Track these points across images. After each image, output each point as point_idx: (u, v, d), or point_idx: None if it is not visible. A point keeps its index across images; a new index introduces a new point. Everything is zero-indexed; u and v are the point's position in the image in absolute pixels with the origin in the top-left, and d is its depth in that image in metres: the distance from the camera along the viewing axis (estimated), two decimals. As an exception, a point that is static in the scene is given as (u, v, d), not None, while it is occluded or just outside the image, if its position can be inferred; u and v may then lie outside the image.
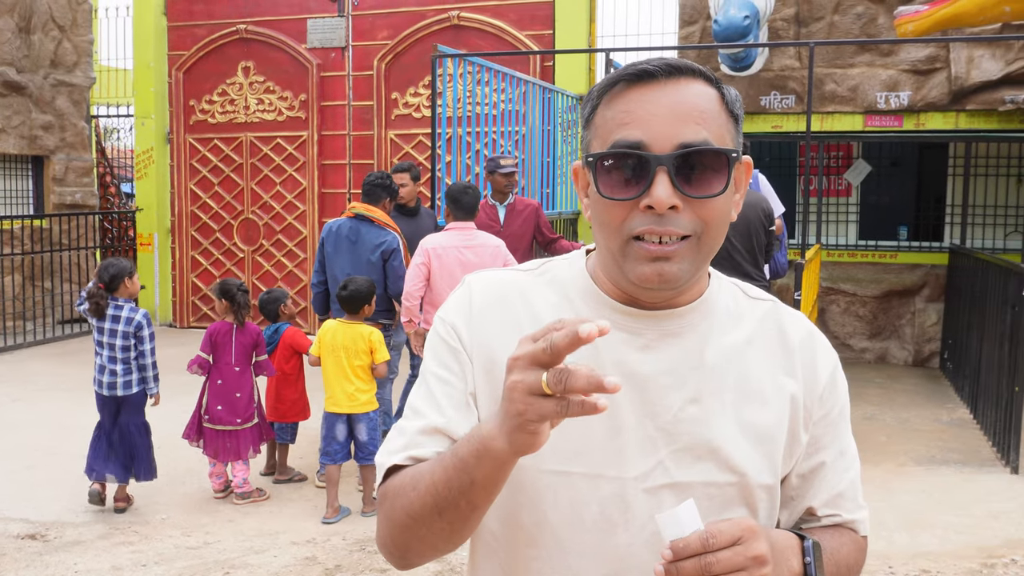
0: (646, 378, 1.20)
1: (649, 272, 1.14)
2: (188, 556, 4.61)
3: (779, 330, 1.28)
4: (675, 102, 1.15)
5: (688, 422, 1.20)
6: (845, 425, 1.31)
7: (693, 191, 1.14)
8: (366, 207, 5.77)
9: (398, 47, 10.66)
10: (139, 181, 11.92)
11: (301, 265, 11.19)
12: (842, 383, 1.31)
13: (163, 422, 7.09)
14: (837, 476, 1.28)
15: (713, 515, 1.17)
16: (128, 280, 5.29)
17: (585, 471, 1.19)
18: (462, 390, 1.23)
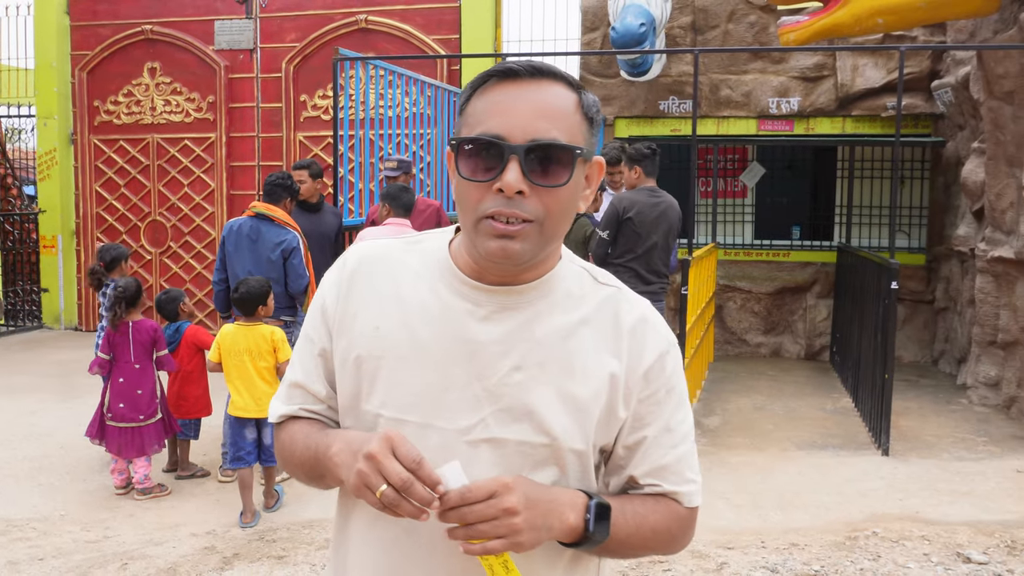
0: (481, 345, 1.37)
1: (495, 247, 1.30)
2: (87, 549, 4.66)
3: (614, 314, 1.42)
4: (534, 100, 1.31)
5: (511, 386, 1.36)
6: (675, 405, 1.43)
7: (539, 180, 1.29)
8: (267, 206, 5.87)
9: (306, 49, 10.73)
10: (42, 183, 11.74)
11: (210, 267, 11.15)
12: (672, 366, 1.44)
13: (65, 422, 7.08)
14: (661, 451, 1.41)
15: (526, 471, 1.35)
16: (124, 264, 6.13)
17: (418, 420, 1.37)
18: (318, 349, 1.46)
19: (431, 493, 1.22)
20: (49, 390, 8.20)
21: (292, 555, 4.57)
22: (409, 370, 1.37)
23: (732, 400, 7.78)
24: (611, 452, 1.43)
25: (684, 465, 1.44)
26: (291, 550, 4.63)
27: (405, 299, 1.41)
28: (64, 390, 8.20)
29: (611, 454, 1.43)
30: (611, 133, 9.83)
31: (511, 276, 1.38)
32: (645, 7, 8.36)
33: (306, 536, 4.81)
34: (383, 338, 1.39)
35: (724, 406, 7.58)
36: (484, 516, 1.24)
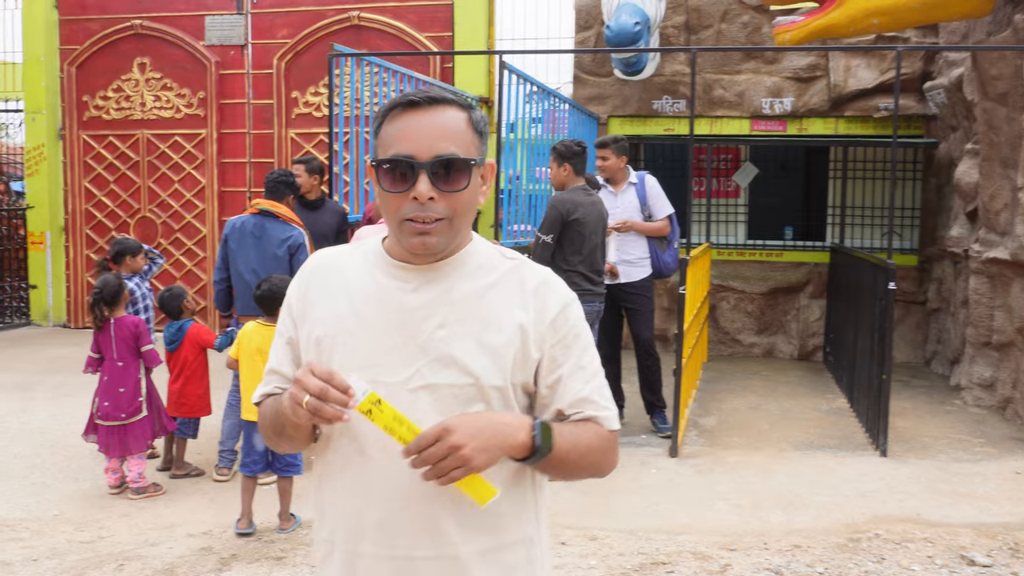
0: (410, 311, 1.69)
1: (416, 242, 1.65)
2: (81, 550, 4.60)
3: (519, 279, 1.74)
4: (433, 124, 1.64)
5: (436, 341, 1.67)
6: (581, 348, 1.74)
7: (444, 187, 1.63)
8: (271, 203, 5.80)
9: (298, 46, 10.66)
10: (30, 178, 11.63)
11: (200, 264, 11.08)
12: (575, 316, 1.75)
13: (58, 420, 7.01)
14: (578, 385, 1.72)
15: (458, 408, 1.64)
16: (131, 258, 6.08)
17: (369, 378, 1.63)
18: (286, 338, 1.82)
19: (343, 396, 1.53)
20: (39, 388, 8.12)
21: (291, 556, 4.52)
22: (357, 340, 1.70)
23: (727, 400, 7.77)
24: (536, 392, 1.73)
25: (599, 395, 1.75)
26: (290, 551, 4.59)
27: (351, 287, 1.74)
28: (54, 387, 8.11)
29: (536, 394, 1.73)
30: (605, 132, 9.80)
31: (431, 257, 1.70)
32: (639, 6, 8.35)
33: (305, 537, 4.76)
34: (335, 320, 1.72)
35: (719, 406, 7.57)
36: (438, 456, 1.53)
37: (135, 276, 6.08)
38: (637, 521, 5.03)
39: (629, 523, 4.99)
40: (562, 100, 8.37)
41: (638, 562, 4.48)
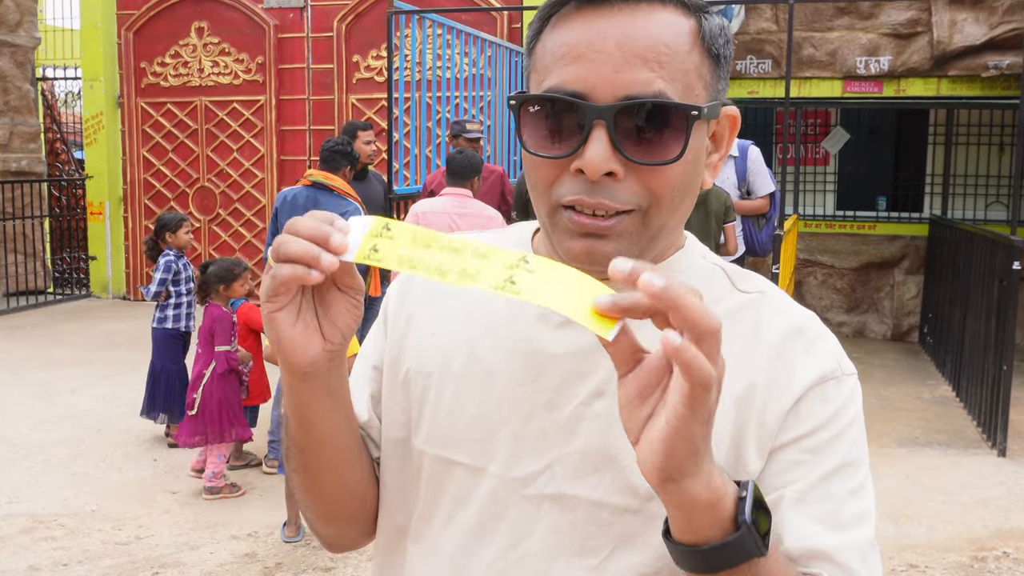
0: (552, 359, 0.97)
1: (578, 249, 0.93)
2: (116, 553, 4.22)
3: (755, 324, 0.99)
4: (629, 37, 0.89)
5: (590, 420, 0.96)
6: (841, 460, 0.94)
7: (638, 155, 0.90)
8: (325, 175, 5.35)
9: (359, 7, 10.17)
10: (89, 147, 11.38)
11: (260, 235, 10.72)
12: (843, 400, 0.97)
13: (107, 402, 6.70)
14: (815, 523, 0.92)
15: (604, 550, 0.95)
16: (171, 234, 5.74)
17: (468, 462, 1.01)
18: (371, 362, 1.12)
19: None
20: (93, 364, 7.83)
21: (340, 567, 4.08)
22: (460, 391, 1.02)
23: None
24: None
25: (855, 556, 0.92)
26: (339, 560, 4.15)
27: (467, 303, 1.05)
28: (107, 365, 7.82)
29: None
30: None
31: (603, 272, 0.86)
32: (725, -43, 7.67)
33: (357, 543, 4.32)
34: (436, 349, 1.05)
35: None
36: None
37: (170, 253, 5.75)
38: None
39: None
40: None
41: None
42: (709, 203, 5.53)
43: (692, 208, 0.99)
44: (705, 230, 5.54)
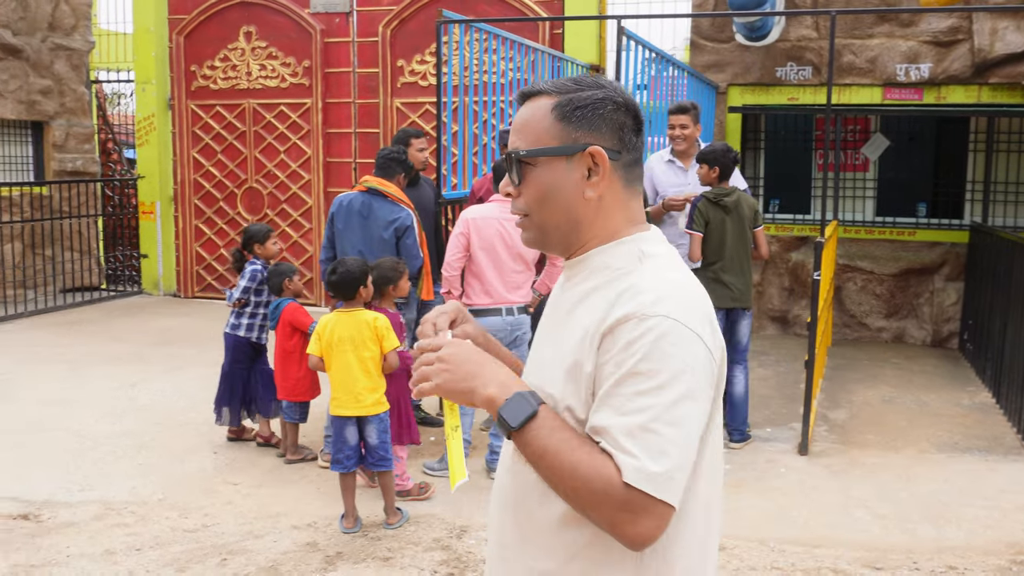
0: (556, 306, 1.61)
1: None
2: (185, 540, 4.45)
3: (620, 286, 1.45)
4: (518, 120, 1.55)
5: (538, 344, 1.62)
6: (640, 375, 1.34)
7: (519, 183, 1.55)
8: (380, 181, 5.53)
9: (404, 12, 10.39)
10: (140, 148, 11.69)
11: (306, 236, 10.98)
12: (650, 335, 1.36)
13: (166, 396, 6.95)
14: (609, 412, 1.36)
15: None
16: (259, 245, 5.89)
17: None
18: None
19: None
20: (150, 360, 8.10)
21: (398, 557, 4.27)
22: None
23: (857, 391, 7.25)
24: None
25: (628, 437, 1.33)
26: (397, 551, 4.34)
27: None
28: (164, 360, 8.08)
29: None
30: (724, 102, 9.27)
31: (569, 254, 1.58)
32: (767, -34, 7.79)
33: (412, 535, 4.51)
34: None
35: (850, 398, 7.06)
36: (427, 361, 1.52)
37: (256, 263, 5.86)
38: (768, 529, 4.63)
39: (760, 531, 4.60)
40: (681, 68, 7.88)
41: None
42: (741, 209, 5.68)
43: (567, 213, 1.51)
44: (740, 233, 5.70)
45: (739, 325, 5.83)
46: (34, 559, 4.22)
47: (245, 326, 5.81)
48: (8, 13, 10.77)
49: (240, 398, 5.85)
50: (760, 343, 8.88)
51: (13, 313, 10.18)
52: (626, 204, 1.55)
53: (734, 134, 9.46)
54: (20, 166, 11.45)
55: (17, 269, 10.82)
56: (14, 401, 6.80)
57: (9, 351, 8.43)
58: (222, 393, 5.84)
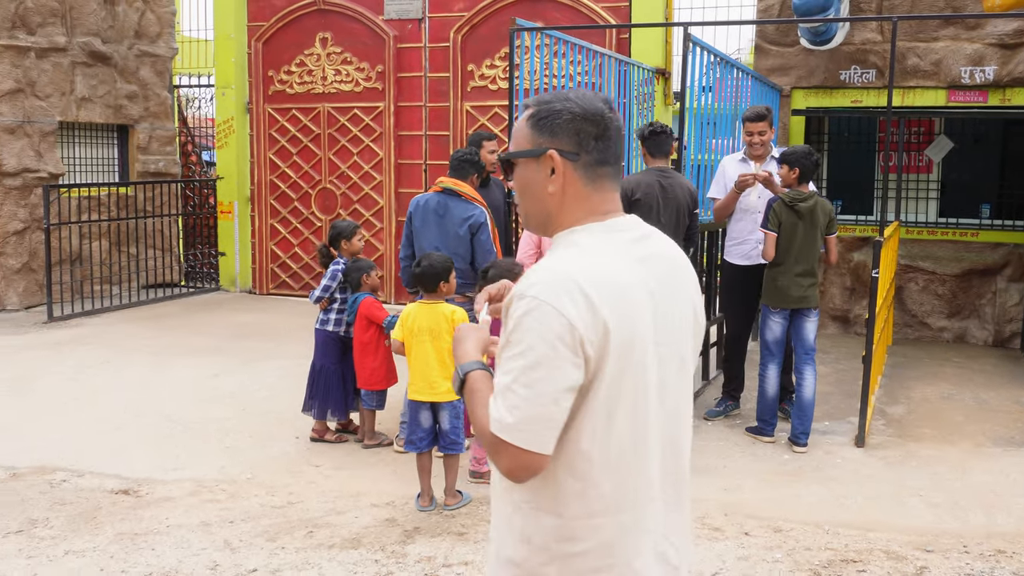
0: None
1: None
2: (273, 514, 4.79)
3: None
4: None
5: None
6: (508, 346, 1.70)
7: (510, 179, 1.91)
8: (454, 182, 5.84)
9: (474, 19, 10.70)
10: (220, 150, 12.20)
11: (378, 235, 11.36)
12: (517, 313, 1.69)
13: (247, 386, 7.34)
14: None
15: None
16: (345, 242, 6.12)
17: None
18: None
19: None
20: (229, 353, 8.52)
21: (472, 532, 4.56)
22: None
23: (916, 388, 7.36)
24: None
25: (497, 392, 1.71)
26: (471, 527, 4.63)
27: None
28: (242, 353, 8.50)
29: None
30: (788, 105, 9.42)
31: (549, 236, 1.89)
32: (831, -30, 7.93)
33: (486, 513, 4.80)
34: None
35: (908, 394, 7.18)
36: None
37: (340, 261, 6.11)
38: (824, 514, 4.83)
39: (815, 516, 4.80)
40: (745, 72, 8.06)
41: (826, 558, 4.30)
42: (816, 214, 5.80)
43: (538, 204, 1.84)
44: (811, 238, 5.82)
45: (804, 325, 5.96)
46: (137, 528, 4.60)
47: (333, 321, 6.09)
48: (98, 22, 11.34)
49: (332, 397, 6.04)
50: (821, 342, 8.95)
51: (100, 307, 10.72)
52: (588, 198, 1.81)
53: (797, 136, 9.59)
54: (107, 167, 12.04)
55: (104, 265, 11.39)
56: (108, 389, 7.26)
57: (98, 343, 8.93)
58: (311, 388, 6.09)
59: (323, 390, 6.02)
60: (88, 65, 11.30)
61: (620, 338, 1.68)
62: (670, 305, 1.81)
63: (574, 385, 1.66)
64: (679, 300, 1.84)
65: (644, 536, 1.78)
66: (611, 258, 1.75)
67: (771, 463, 5.63)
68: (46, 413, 6.60)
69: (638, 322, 1.72)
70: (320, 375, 6.06)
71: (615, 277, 1.71)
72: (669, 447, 1.82)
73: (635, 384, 1.72)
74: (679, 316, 1.83)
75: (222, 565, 4.19)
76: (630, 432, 1.74)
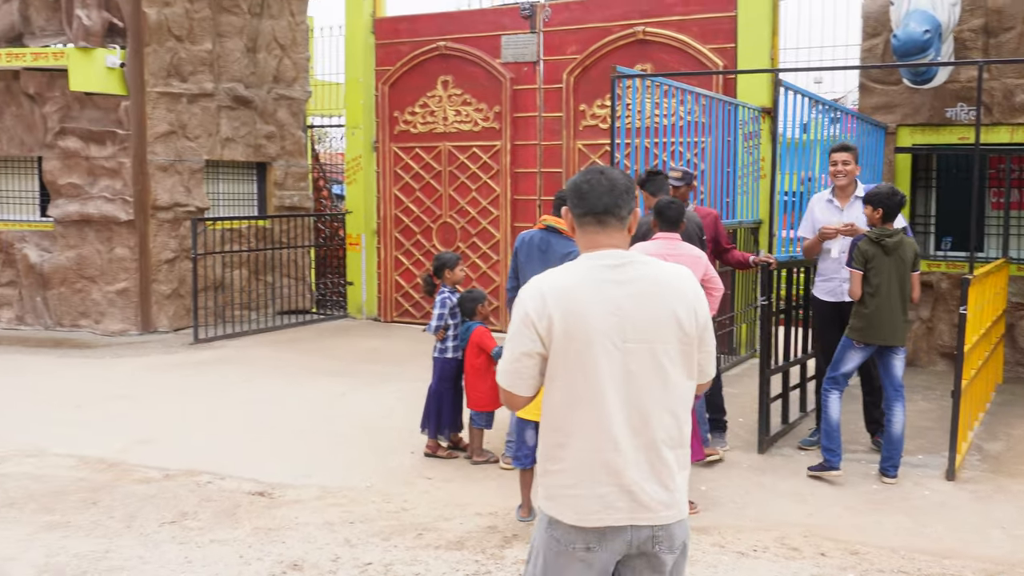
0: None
1: None
2: (388, 518, 5.34)
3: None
4: None
5: None
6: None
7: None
8: (556, 220, 6.32)
9: (586, 61, 11.23)
10: (349, 186, 13.07)
11: (494, 267, 11.95)
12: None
13: (370, 406, 7.97)
14: None
15: None
16: (448, 271, 6.64)
17: None
18: None
19: None
20: (356, 375, 9.21)
21: (565, 540, 4.99)
22: None
23: (1018, 425, 7.42)
24: None
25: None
26: (564, 536, 5.06)
27: None
28: (368, 375, 9.17)
29: None
30: (892, 142, 9.57)
31: None
32: (931, 12, 8.11)
33: (578, 524, 5.22)
34: None
35: (1009, 431, 7.26)
36: None
37: (445, 290, 6.62)
38: (901, 540, 5.06)
39: (893, 541, 5.04)
40: (842, 111, 8.32)
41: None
42: (903, 251, 6.01)
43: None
44: (899, 274, 6.01)
45: (892, 362, 6.11)
46: (271, 524, 5.22)
47: (451, 348, 6.60)
48: (241, 70, 12.37)
49: (444, 416, 6.58)
50: (927, 378, 9.10)
51: (239, 331, 11.64)
52: (581, 238, 2.64)
53: (903, 174, 9.72)
54: (247, 202, 13.05)
55: (243, 292, 12.33)
56: (247, 403, 8.01)
57: (239, 363, 9.77)
58: (428, 409, 6.61)
59: (436, 410, 6.55)
60: (232, 108, 12.32)
61: (564, 327, 2.49)
62: (644, 312, 2.52)
63: (530, 351, 2.53)
64: (657, 309, 2.53)
65: (607, 474, 2.49)
66: (574, 275, 2.57)
67: (858, 492, 5.86)
68: (194, 423, 7.37)
69: (583, 317, 2.49)
70: (435, 397, 6.59)
71: (567, 286, 2.54)
72: (636, 415, 2.51)
73: (579, 359, 2.50)
74: (655, 320, 2.52)
75: (342, 558, 4.75)
76: (573, 388, 2.52)
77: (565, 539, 2.51)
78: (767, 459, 6.48)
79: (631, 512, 2.49)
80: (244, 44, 12.43)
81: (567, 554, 2.51)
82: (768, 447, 6.67)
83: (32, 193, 12.39)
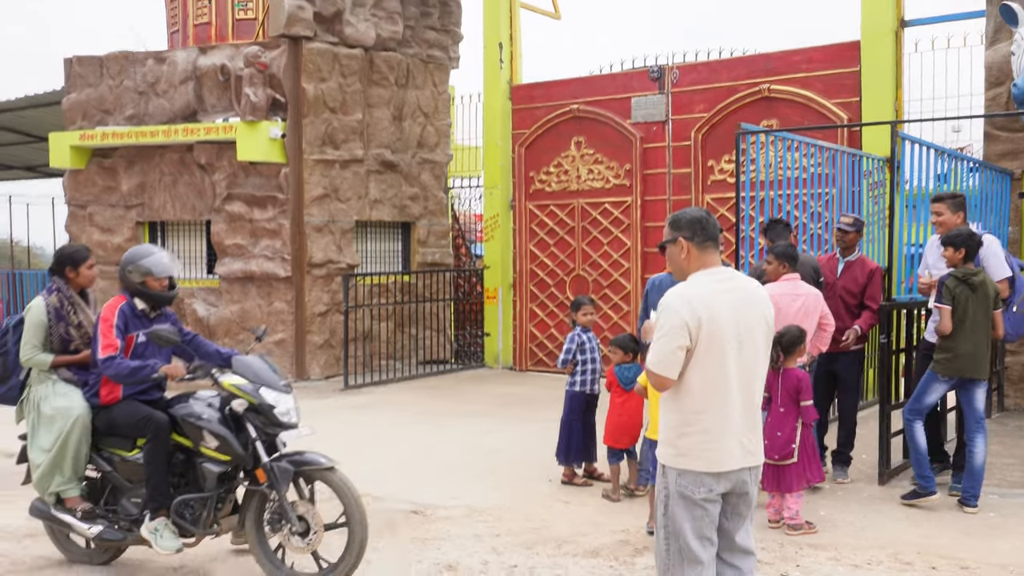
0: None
1: None
2: (529, 532, 5.86)
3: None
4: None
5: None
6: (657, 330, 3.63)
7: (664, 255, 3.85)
8: None
9: (713, 119, 11.73)
10: (487, 243, 13.85)
11: (625, 317, 12.44)
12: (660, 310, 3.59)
13: (509, 442, 8.54)
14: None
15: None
16: (574, 313, 7.41)
17: None
18: None
19: None
20: (495, 417, 9.83)
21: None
22: None
23: None
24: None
25: (650, 351, 3.58)
26: (692, 549, 5.47)
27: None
28: (505, 417, 9.78)
29: None
30: (1017, 188, 9.67)
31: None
32: (1051, 61, 8.29)
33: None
34: None
35: None
36: None
37: (577, 328, 7.21)
38: (1014, 559, 5.26)
39: (1004, 560, 5.25)
40: (964, 160, 8.54)
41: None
42: (987, 288, 6.22)
43: (678, 264, 3.70)
44: (983, 310, 6.19)
45: (974, 395, 6.30)
46: (426, 535, 5.82)
47: (579, 382, 7.17)
48: (388, 136, 13.39)
49: (573, 445, 7.09)
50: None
51: (385, 378, 12.45)
52: (699, 258, 3.58)
53: (1033, 218, 9.78)
54: (392, 258, 13.98)
55: (389, 343, 13.18)
56: (398, 440, 8.71)
57: (387, 406, 10.53)
58: (560, 439, 7.16)
59: (567, 439, 7.07)
60: (379, 172, 13.32)
61: (708, 326, 3.43)
62: (746, 315, 3.53)
63: (683, 345, 3.43)
64: (753, 313, 3.55)
65: (729, 433, 3.50)
66: (705, 287, 3.52)
67: (975, 519, 6.05)
68: (353, 456, 8.03)
69: (718, 319, 3.44)
70: (566, 426, 7.12)
71: (703, 295, 3.47)
72: (745, 388, 3.54)
73: (715, 349, 3.45)
74: (753, 322, 3.54)
75: (491, 563, 5.29)
76: (710, 374, 3.46)
77: (694, 483, 3.48)
78: (887, 490, 6.71)
79: (743, 458, 3.53)
80: (391, 113, 13.46)
81: (691, 498, 3.48)
82: (888, 479, 6.88)
83: (201, 253, 13.63)
